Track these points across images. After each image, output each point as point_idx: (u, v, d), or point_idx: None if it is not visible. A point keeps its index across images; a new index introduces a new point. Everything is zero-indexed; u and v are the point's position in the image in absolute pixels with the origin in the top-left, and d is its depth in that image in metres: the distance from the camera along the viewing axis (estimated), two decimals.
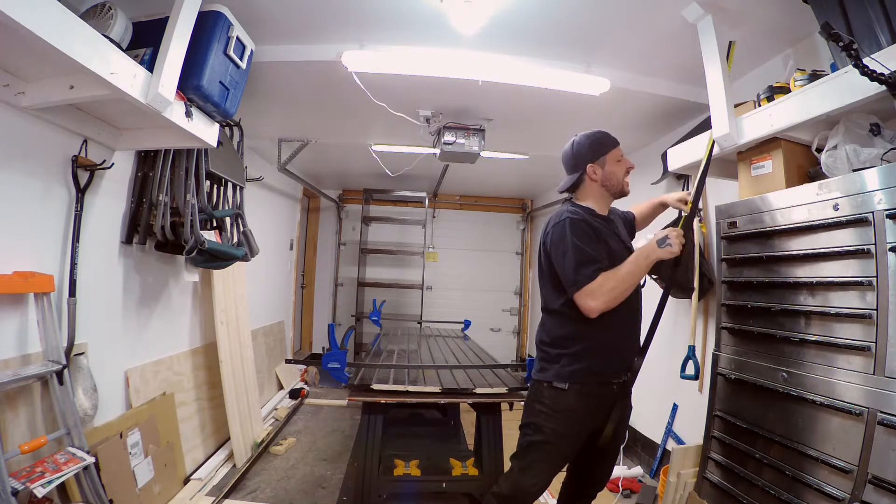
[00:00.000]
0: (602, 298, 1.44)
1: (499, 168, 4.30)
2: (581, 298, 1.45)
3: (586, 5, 1.88)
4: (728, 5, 1.77)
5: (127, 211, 2.17)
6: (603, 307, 1.45)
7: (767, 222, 1.62)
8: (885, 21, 1.33)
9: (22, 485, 1.38)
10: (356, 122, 3.27)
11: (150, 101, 1.50)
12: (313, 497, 2.55)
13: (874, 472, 1.17)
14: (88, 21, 1.33)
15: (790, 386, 1.47)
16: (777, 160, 1.67)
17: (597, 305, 1.44)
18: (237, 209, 2.66)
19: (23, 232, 1.64)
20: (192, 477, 2.54)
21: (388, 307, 5.42)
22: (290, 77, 2.52)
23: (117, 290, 2.18)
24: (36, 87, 1.49)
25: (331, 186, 5.81)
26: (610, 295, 1.45)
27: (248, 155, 2.94)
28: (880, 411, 1.18)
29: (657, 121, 2.94)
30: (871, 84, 1.22)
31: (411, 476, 2.21)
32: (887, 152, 1.31)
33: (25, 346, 1.64)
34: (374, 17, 2.03)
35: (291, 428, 3.59)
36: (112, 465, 1.88)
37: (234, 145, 2.73)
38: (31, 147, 1.64)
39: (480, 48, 2.23)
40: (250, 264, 3.02)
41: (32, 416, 1.65)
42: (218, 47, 1.71)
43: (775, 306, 1.55)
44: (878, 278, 1.22)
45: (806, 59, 1.92)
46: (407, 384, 2.24)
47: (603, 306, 1.45)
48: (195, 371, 2.79)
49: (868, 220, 1.24)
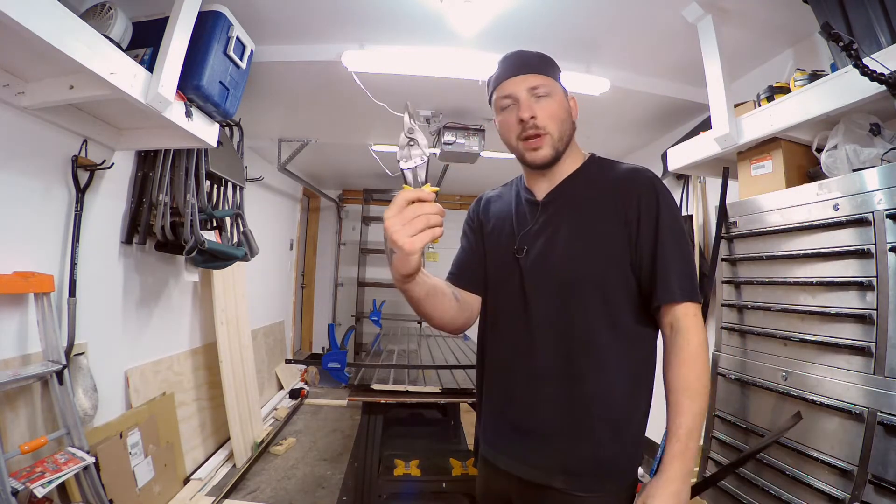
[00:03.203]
0: None
1: (499, 168, 4.29)
2: (700, 314, 0.93)
3: (586, 5, 1.88)
4: (728, 5, 1.77)
5: (127, 211, 2.17)
6: None
7: (767, 222, 1.61)
8: (885, 21, 1.33)
9: (22, 485, 1.38)
10: (356, 122, 3.27)
11: (150, 101, 1.50)
12: (313, 497, 2.55)
13: (874, 472, 1.17)
14: (88, 21, 1.33)
15: (790, 386, 1.46)
16: (777, 160, 1.67)
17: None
18: (237, 209, 2.66)
19: (23, 232, 1.64)
20: (192, 477, 2.54)
21: (388, 307, 5.42)
22: (290, 77, 2.52)
23: (117, 290, 2.18)
24: (36, 87, 1.49)
25: (331, 186, 5.81)
26: None
27: (248, 155, 2.94)
28: (880, 411, 1.18)
29: (657, 121, 2.94)
30: (871, 84, 1.22)
31: (411, 476, 2.21)
32: (887, 152, 1.31)
33: (25, 346, 1.64)
34: (374, 17, 2.03)
35: (291, 428, 3.59)
36: (112, 465, 1.88)
37: (234, 145, 2.73)
38: (31, 147, 1.64)
39: (480, 48, 2.22)
40: (250, 264, 3.01)
41: (32, 416, 1.65)
42: (218, 47, 1.71)
43: (775, 306, 1.55)
44: (878, 278, 1.21)
45: (806, 59, 1.92)
46: (407, 384, 2.24)
47: None
48: (195, 371, 2.79)
49: (868, 220, 1.24)
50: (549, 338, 0.96)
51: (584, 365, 0.94)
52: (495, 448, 1.04)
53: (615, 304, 0.95)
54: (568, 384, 0.94)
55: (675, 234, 0.95)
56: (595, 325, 0.94)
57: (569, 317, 0.95)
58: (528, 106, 0.98)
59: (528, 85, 0.98)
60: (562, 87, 1.04)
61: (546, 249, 1.00)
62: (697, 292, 0.94)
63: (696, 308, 0.92)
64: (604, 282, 0.95)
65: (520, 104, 0.99)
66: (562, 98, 1.02)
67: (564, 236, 0.99)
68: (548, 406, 0.95)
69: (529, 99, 0.98)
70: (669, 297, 0.91)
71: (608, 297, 0.95)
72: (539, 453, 0.96)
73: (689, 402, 0.87)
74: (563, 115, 1.00)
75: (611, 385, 0.93)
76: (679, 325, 0.91)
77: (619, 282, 0.95)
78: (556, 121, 0.99)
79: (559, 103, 1.00)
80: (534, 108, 0.98)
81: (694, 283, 0.94)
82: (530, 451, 0.97)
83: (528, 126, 0.98)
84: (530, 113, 0.97)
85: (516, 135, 1.01)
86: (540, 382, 0.97)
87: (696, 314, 0.92)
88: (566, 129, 1.02)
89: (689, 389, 0.88)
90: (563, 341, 0.95)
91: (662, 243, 0.93)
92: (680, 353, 0.90)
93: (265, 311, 4.27)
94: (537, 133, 0.98)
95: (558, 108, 1.00)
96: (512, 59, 1.03)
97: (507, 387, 1.02)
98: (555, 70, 1.04)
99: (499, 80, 1.02)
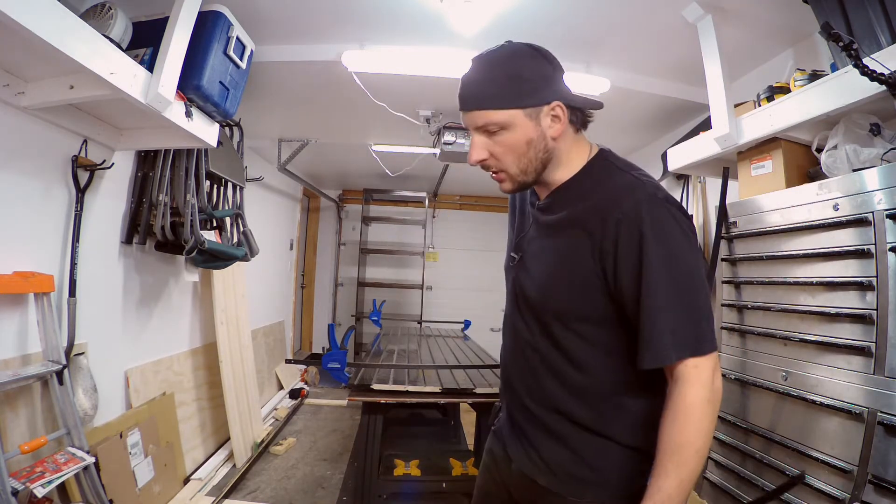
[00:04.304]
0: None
1: None
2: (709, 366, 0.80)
3: (586, 5, 1.88)
4: (728, 5, 1.77)
5: (127, 211, 2.17)
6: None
7: (767, 222, 1.61)
8: (885, 21, 1.33)
9: (22, 485, 1.38)
10: (356, 122, 3.27)
11: (150, 101, 1.50)
12: (313, 497, 2.55)
13: (874, 472, 1.17)
14: (88, 21, 1.33)
15: (790, 386, 1.46)
16: (777, 160, 1.67)
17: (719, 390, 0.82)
18: (237, 209, 2.66)
19: (23, 232, 1.64)
20: (192, 477, 2.53)
21: (388, 307, 5.42)
22: (291, 77, 2.52)
23: (117, 290, 2.18)
24: (36, 87, 1.49)
25: (331, 186, 5.81)
26: None
27: (248, 155, 2.94)
28: (880, 411, 1.18)
29: (657, 121, 2.94)
30: (871, 84, 1.22)
31: (411, 476, 2.21)
32: (887, 152, 1.31)
33: (25, 346, 1.64)
34: (374, 17, 2.03)
35: (291, 428, 3.59)
36: (112, 465, 1.88)
37: (234, 145, 2.73)
38: (31, 147, 1.64)
39: (481, 48, 2.21)
40: (250, 264, 3.01)
41: (32, 416, 1.64)
42: (218, 47, 1.71)
43: (775, 306, 1.55)
44: (878, 278, 1.21)
45: (806, 59, 1.92)
46: (407, 384, 2.24)
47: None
48: (195, 371, 2.79)
49: (868, 220, 1.24)
50: (531, 350, 0.96)
51: (556, 386, 0.92)
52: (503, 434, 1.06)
53: (588, 335, 0.89)
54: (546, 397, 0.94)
55: (671, 279, 0.80)
56: (563, 352, 0.91)
57: (542, 337, 0.94)
58: (478, 149, 0.90)
59: (476, 124, 0.89)
60: (526, 106, 0.86)
61: (529, 263, 0.98)
62: (704, 341, 0.80)
63: (700, 360, 0.79)
64: (571, 312, 0.89)
65: (471, 145, 0.92)
66: (522, 126, 0.87)
67: (545, 253, 0.95)
68: (534, 406, 0.96)
69: (479, 139, 0.90)
70: (654, 360, 0.80)
71: (578, 328, 0.89)
72: (532, 448, 0.96)
73: (674, 468, 0.77)
74: (521, 147, 0.88)
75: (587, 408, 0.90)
76: (677, 376, 0.80)
77: (591, 313, 0.88)
78: (513, 156, 0.89)
79: (518, 135, 0.87)
80: (483, 151, 0.90)
81: (698, 332, 0.80)
82: (526, 444, 0.98)
83: (484, 167, 0.93)
84: (479, 157, 0.91)
85: None
86: (528, 384, 0.98)
87: (699, 365, 0.79)
88: (530, 159, 0.90)
89: (676, 453, 0.77)
90: (538, 357, 0.95)
91: (648, 295, 0.79)
92: (673, 409, 0.79)
93: (265, 311, 4.27)
94: (494, 171, 0.93)
95: (515, 141, 0.88)
96: (465, 83, 0.91)
97: (507, 381, 1.05)
98: (514, 91, 0.86)
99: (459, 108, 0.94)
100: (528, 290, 0.96)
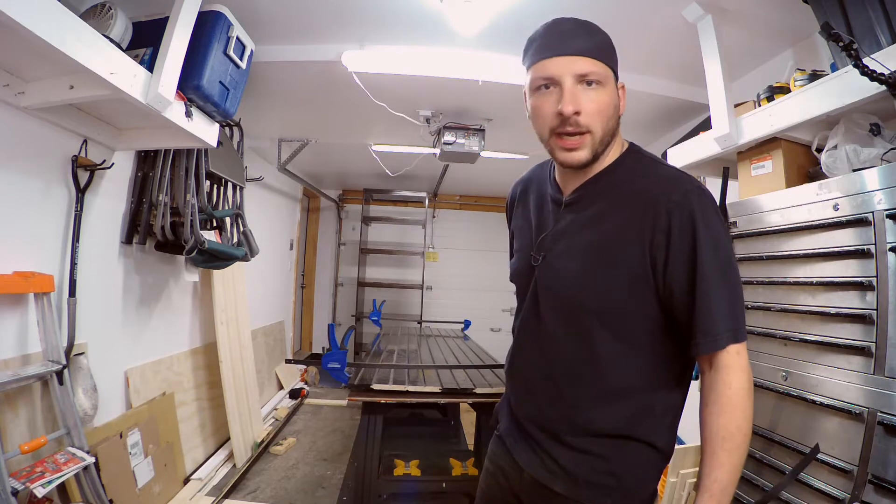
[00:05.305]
0: None
1: (499, 168, 4.29)
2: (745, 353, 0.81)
3: (586, 5, 1.87)
4: (728, 5, 1.76)
5: (127, 211, 2.17)
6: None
7: (767, 222, 1.61)
8: (885, 21, 1.32)
9: (22, 485, 1.38)
10: (356, 122, 3.27)
11: (150, 101, 1.49)
12: (313, 497, 2.55)
13: (874, 472, 1.17)
14: (88, 21, 1.33)
15: (790, 386, 1.46)
16: (777, 160, 1.67)
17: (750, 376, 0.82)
18: (237, 209, 2.66)
19: (23, 232, 1.64)
20: (192, 477, 2.54)
21: (388, 307, 5.42)
22: (290, 77, 2.52)
23: (117, 290, 2.18)
24: (36, 87, 1.49)
25: (331, 186, 5.81)
26: None
27: (248, 155, 2.94)
28: (880, 411, 1.18)
29: (657, 121, 2.94)
30: (871, 84, 1.22)
31: (411, 476, 2.21)
32: (887, 152, 1.31)
33: (25, 346, 1.64)
34: (374, 17, 2.03)
35: (291, 428, 3.59)
36: (112, 465, 1.88)
37: (234, 145, 2.73)
38: (31, 147, 1.64)
39: (480, 48, 2.22)
40: (250, 264, 3.01)
41: (32, 416, 1.64)
42: (218, 47, 1.70)
43: (775, 306, 1.55)
44: (878, 278, 1.21)
45: (806, 59, 1.92)
46: (407, 384, 2.24)
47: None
48: (195, 371, 2.79)
49: (868, 220, 1.24)
50: (554, 356, 0.93)
51: (581, 392, 0.89)
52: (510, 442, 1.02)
53: (625, 333, 0.86)
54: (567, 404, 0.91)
55: (720, 266, 0.79)
56: (594, 354, 0.87)
57: (570, 340, 0.90)
58: (573, 97, 0.81)
59: (576, 70, 0.81)
60: (615, 74, 0.86)
61: (557, 262, 0.92)
62: (743, 328, 0.81)
63: (740, 347, 0.80)
64: (611, 310, 0.85)
65: (563, 92, 0.81)
66: (613, 89, 0.85)
67: (578, 250, 0.89)
68: (553, 415, 0.93)
69: (575, 88, 0.81)
70: (713, 346, 0.79)
71: (615, 326, 0.85)
72: (548, 455, 0.93)
73: (727, 456, 0.77)
74: (611, 111, 0.84)
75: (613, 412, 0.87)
76: (720, 364, 0.79)
77: (634, 310, 0.84)
78: (602, 118, 0.83)
79: (610, 96, 0.84)
80: (579, 101, 0.81)
81: (740, 320, 0.81)
82: (540, 452, 0.94)
83: (569, 122, 0.82)
84: (574, 107, 0.81)
85: (551, 128, 0.85)
86: (547, 392, 0.94)
87: (740, 352, 0.80)
88: (611, 128, 0.85)
89: (728, 440, 0.77)
90: (562, 363, 0.91)
91: (703, 280, 0.78)
92: (719, 399, 0.79)
93: (265, 311, 4.27)
94: (578, 131, 0.82)
95: (608, 102, 0.83)
96: (562, 31, 0.85)
97: (521, 387, 1.01)
98: (612, 55, 0.86)
99: (539, 55, 0.85)
100: (559, 289, 0.91)
